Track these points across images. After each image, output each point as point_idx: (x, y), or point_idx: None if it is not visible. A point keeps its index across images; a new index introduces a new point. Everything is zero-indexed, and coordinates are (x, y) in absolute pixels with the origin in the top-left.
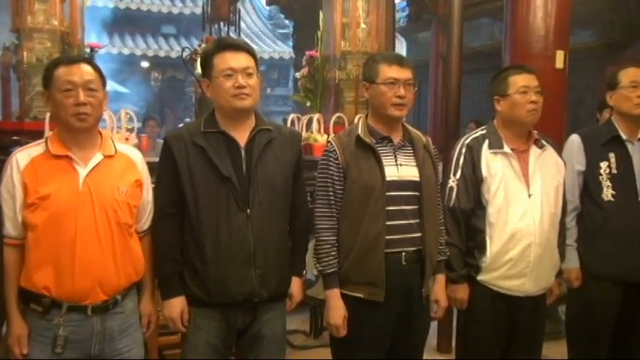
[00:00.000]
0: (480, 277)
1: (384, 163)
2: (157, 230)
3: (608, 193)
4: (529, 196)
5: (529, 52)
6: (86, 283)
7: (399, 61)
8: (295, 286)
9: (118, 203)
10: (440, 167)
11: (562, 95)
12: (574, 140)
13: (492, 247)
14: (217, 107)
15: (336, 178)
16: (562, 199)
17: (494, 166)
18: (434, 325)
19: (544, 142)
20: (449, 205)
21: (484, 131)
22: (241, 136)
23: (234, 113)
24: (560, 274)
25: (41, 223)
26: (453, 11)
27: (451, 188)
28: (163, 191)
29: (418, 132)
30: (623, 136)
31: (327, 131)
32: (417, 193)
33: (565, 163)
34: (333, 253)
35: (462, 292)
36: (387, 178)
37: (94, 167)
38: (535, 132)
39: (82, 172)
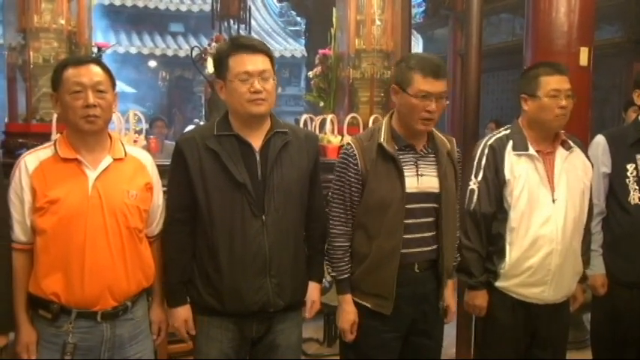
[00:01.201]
0: (498, 284)
1: (405, 174)
2: (167, 236)
3: (635, 197)
4: (553, 200)
5: (551, 49)
6: (96, 289)
7: (434, 72)
8: (314, 292)
9: (127, 207)
10: (460, 171)
11: (586, 94)
12: (599, 142)
13: (512, 253)
14: (231, 111)
15: (354, 185)
16: (588, 203)
17: (518, 168)
18: (452, 333)
19: (571, 144)
20: (469, 208)
21: (508, 131)
22: (256, 140)
23: (249, 118)
24: (585, 279)
25: (50, 227)
26: (471, 6)
27: (472, 191)
28: (175, 196)
29: (443, 137)
30: None
31: (340, 132)
32: (436, 205)
33: (592, 165)
34: (346, 259)
35: (481, 298)
36: (407, 190)
37: (103, 170)
38: (562, 132)
39: (92, 175)
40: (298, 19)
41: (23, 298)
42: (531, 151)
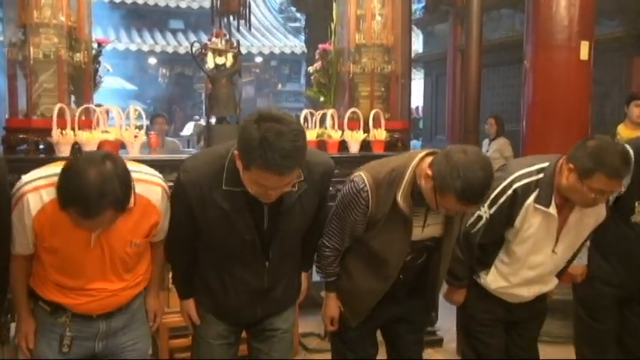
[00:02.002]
0: (480, 281)
1: (414, 228)
2: (172, 246)
3: (637, 217)
4: (552, 252)
5: (552, 44)
6: (92, 307)
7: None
8: (304, 281)
9: (129, 255)
10: None
11: (586, 88)
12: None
13: (497, 277)
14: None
15: (360, 224)
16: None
17: (532, 221)
18: (453, 329)
19: None
20: (470, 230)
21: (541, 176)
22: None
23: None
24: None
25: (51, 263)
26: (472, 2)
27: (479, 217)
28: (178, 227)
29: None
30: None
31: (341, 127)
32: (434, 245)
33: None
34: (334, 265)
35: (460, 295)
36: (412, 239)
37: None
38: None
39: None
40: (298, 15)
41: (24, 295)
42: (552, 209)
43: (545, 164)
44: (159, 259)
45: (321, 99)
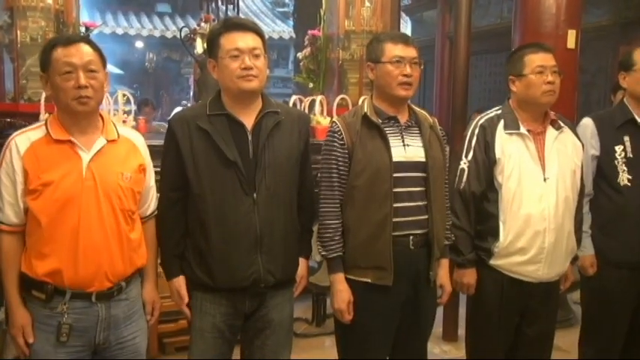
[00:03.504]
0: (492, 262)
1: (391, 144)
2: (161, 214)
3: (624, 178)
4: (545, 179)
5: (539, 32)
6: (90, 270)
7: (404, 39)
8: (302, 267)
9: (122, 190)
10: (447, 150)
11: (573, 76)
12: (587, 125)
13: (506, 232)
14: (223, 89)
15: (341, 160)
16: (579, 182)
17: (509, 147)
18: (439, 313)
19: (561, 124)
20: (459, 187)
21: (499, 111)
22: (248, 119)
23: (240, 95)
24: (576, 260)
25: (43, 209)
26: None
27: (462, 170)
28: (167, 176)
29: (424, 112)
30: (638, 119)
31: (330, 113)
32: (424, 174)
33: (583, 146)
34: (336, 238)
35: (470, 276)
36: (394, 159)
37: (97, 152)
38: (552, 113)
39: (86, 157)
40: (286, 0)
41: (15, 280)
42: (522, 130)
43: (499, 106)
44: (152, 244)
45: (310, 85)
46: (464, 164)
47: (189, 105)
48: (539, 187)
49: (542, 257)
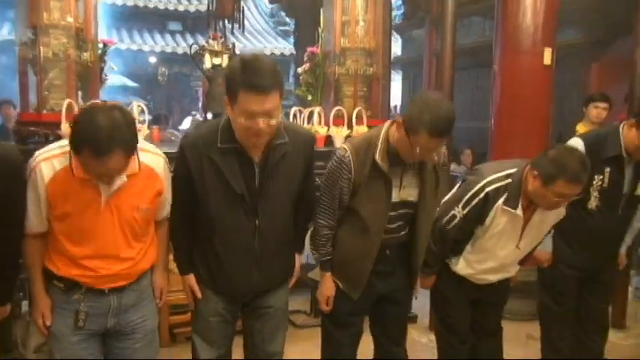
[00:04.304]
0: (451, 266)
1: (393, 187)
2: (174, 223)
3: (593, 203)
4: (516, 247)
5: (518, 49)
6: (105, 280)
7: (439, 133)
8: (296, 263)
9: (137, 221)
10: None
11: (549, 90)
12: (578, 148)
13: (465, 265)
14: (234, 127)
15: (345, 190)
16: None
17: (500, 220)
18: (426, 306)
19: None
20: (445, 227)
21: (509, 180)
22: (256, 152)
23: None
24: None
25: (64, 233)
26: (446, 10)
27: (453, 216)
28: (179, 191)
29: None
30: (624, 155)
31: (327, 123)
32: (412, 211)
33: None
34: (328, 245)
35: (430, 281)
36: (392, 200)
37: (116, 189)
38: None
39: (105, 194)
40: (287, 19)
41: (39, 273)
42: (519, 211)
43: (514, 170)
44: (164, 239)
45: (309, 97)
46: (457, 212)
47: (198, 116)
48: (507, 251)
49: (486, 281)
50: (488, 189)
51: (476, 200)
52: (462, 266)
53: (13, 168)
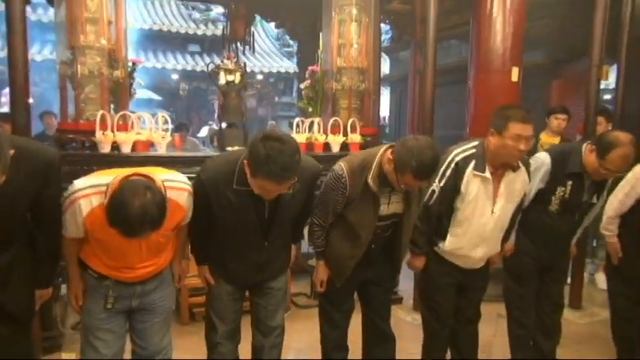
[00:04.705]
0: (437, 249)
1: (381, 204)
2: (193, 227)
3: (554, 208)
4: (492, 212)
5: (489, 68)
6: (130, 278)
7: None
8: (292, 250)
9: (161, 244)
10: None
11: (516, 104)
12: (544, 162)
13: (451, 241)
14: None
15: (340, 202)
16: (519, 206)
17: (472, 185)
18: (410, 290)
19: (520, 164)
20: (428, 203)
21: (474, 150)
22: None
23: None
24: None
25: (99, 247)
26: (428, 34)
27: (433, 191)
28: (198, 214)
29: None
30: (585, 174)
31: (325, 132)
32: (398, 220)
33: (530, 178)
34: (321, 240)
35: (420, 262)
36: (379, 214)
37: None
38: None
39: None
40: (291, 42)
41: (75, 261)
42: (487, 174)
43: (476, 143)
44: (183, 234)
45: (310, 109)
46: (435, 187)
47: (214, 125)
48: (485, 217)
49: (475, 258)
50: (457, 159)
51: (449, 172)
52: (449, 242)
53: (51, 160)
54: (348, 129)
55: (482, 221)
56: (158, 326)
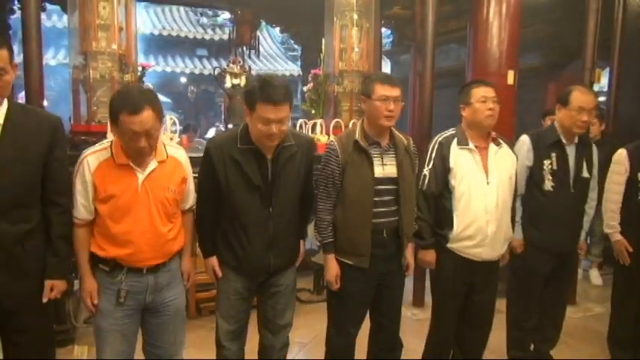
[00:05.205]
0: (448, 245)
1: (374, 164)
2: (199, 212)
3: (548, 185)
4: (487, 183)
5: (486, 71)
6: (142, 256)
7: (390, 81)
8: (300, 247)
9: (167, 200)
10: (417, 161)
11: (511, 105)
12: (524, 141)
13: (458, 222)
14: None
15: (337, 173)
16: (514, 186)
17: (461, 159)
18: (410, 284)
19: (500, 141)
20: (422, 188)
21: (454, 131)
22: (269, 151)
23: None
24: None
25: (109, 214)
26: (426, 39)
27: (424, 175)
28: (205, 187)
29: (401, 135)
30: (564, 140)
31: (327, 133)
32: (396, 187)
33: (517, 157)
34: (329, 229)
35: (430, 256)
36: (375, 175)
37: (150, 172)
38: (493, 133)
39: (141, 176)
40: (296, 46)
41: (86, 258)
42: (471, 145)
43: (456, 127)
44: (190, 228)
45: (313, 111)
46: (426, 171)
47: (221, 127)
48: (483, 188)
49: (486, 242)
50: (439, 139)
51: (434, 153)
52: (456, 224)
53: (55, 121)
54: None
55: (480, 192)
56: (172, 325)
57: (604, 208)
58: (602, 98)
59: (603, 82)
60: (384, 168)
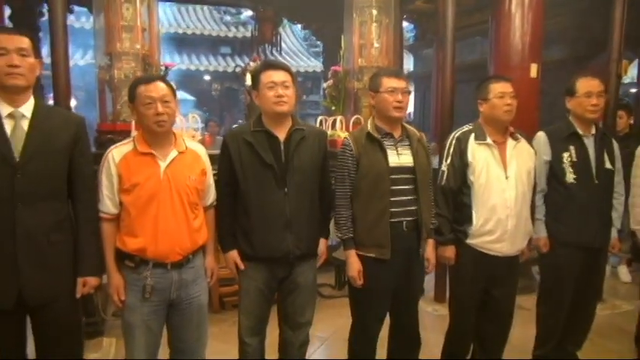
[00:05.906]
0: (468, 241)
1: (388, 153)
2: (219, 203)
3: (570, 177)
4: (506, 177)
5: (509, 65)
6: (166, 247)
7: (396, 73)
8: (322, 245)
9: (189, 188)
10: (437, 158)
11: (535, 99)
12: (540, 137)
13: (477, 217)
14: (263, 111)
15: (352, 167)
16: (533, 180)
17: (479, 154)
18: (432, 280)
19: (518, 135)
20: (440, 184)
21: (471, 126)
22: (281, 133)
23: (275, 116)
24: (530, 240)
25: (133, 203)
26: (447, 32)
27: (443, 171)
28: (222, 175)
29: (414, 129)
30: (580, 132)
31: (347, 129)
32: (413, 176)
33: (535, 152)
34: (348, 224)
35: (450, 252)
36: (390, 164)
37: (171, 161)
38: (511, 127)
39: (163, 165)
40: (318, 42)
41: (112, 254)
42: (489, 140)
43: (471, 124)
44: (212, 224)
45: (333, 108)
46: (444, 167)
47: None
48: (502, 183)
49: (506, 237)
50: (456, 135)
51: (452, 149)
52: (476, 219)
53: (78, 119)
54: None
55: (500, 187)
56: (195, 322)
57: (630, 204)
58: (632, 90)
59: (633, 73)
60: (400, 157)
